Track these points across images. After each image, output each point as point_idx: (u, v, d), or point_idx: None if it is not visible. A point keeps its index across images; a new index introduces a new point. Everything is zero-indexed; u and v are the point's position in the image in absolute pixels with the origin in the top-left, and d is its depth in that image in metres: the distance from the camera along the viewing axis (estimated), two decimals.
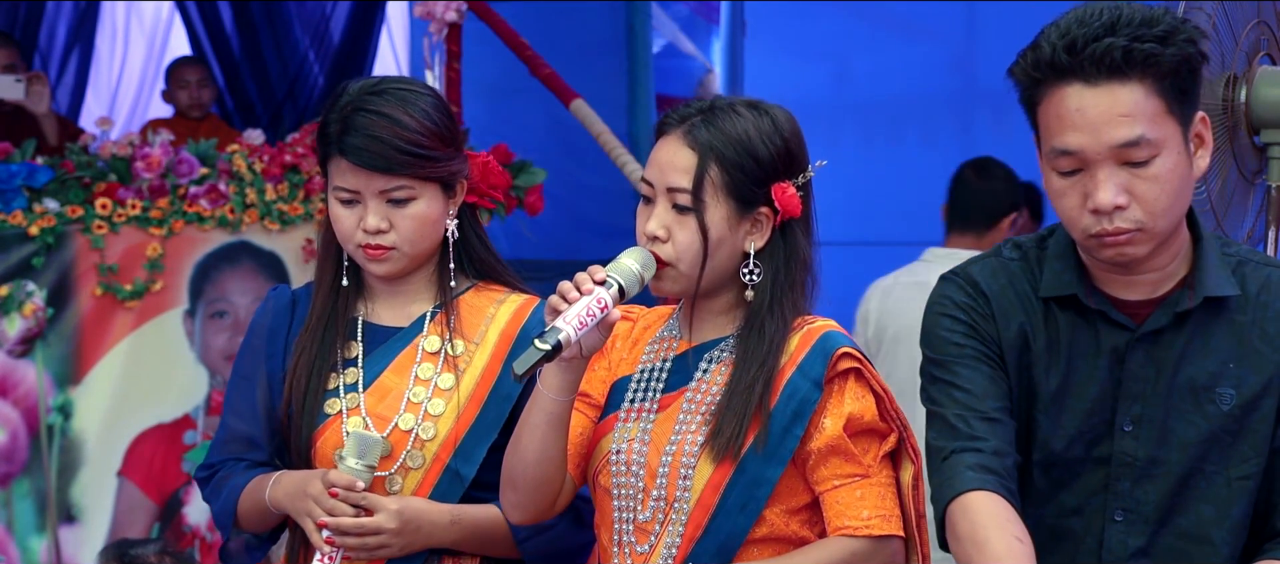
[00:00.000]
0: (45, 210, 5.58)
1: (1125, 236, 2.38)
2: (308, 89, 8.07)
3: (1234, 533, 2.45)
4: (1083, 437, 2.47)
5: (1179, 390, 2.44)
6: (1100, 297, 2.48)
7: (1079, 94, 2.36)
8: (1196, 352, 2.44)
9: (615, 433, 2.75)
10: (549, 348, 2.52)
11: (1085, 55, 2.34)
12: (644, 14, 8.23)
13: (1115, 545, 2.46)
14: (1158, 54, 2.33)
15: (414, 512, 2.89)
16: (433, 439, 2.93)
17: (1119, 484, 2.45)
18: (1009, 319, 2.52)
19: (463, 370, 2.95)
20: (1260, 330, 2.43)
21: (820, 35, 8.89)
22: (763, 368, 2.66)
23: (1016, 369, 2.52)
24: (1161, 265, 2.45)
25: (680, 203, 2.68)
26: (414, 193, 2.89)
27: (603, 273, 2.60)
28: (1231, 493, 2.44)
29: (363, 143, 2.85)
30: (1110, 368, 2.47)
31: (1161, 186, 2.36)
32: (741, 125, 2.68)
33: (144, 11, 8.49)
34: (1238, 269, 2.46)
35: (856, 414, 2.67)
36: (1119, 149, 2.35)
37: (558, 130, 7.25)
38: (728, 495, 2.66)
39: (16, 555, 5.64)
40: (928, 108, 8.87)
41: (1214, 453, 2.43)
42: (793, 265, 2.72)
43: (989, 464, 2.43)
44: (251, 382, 3.03)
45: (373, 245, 2.90)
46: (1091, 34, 2.34)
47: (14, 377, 5.66)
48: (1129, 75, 2.34)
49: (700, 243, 2.67)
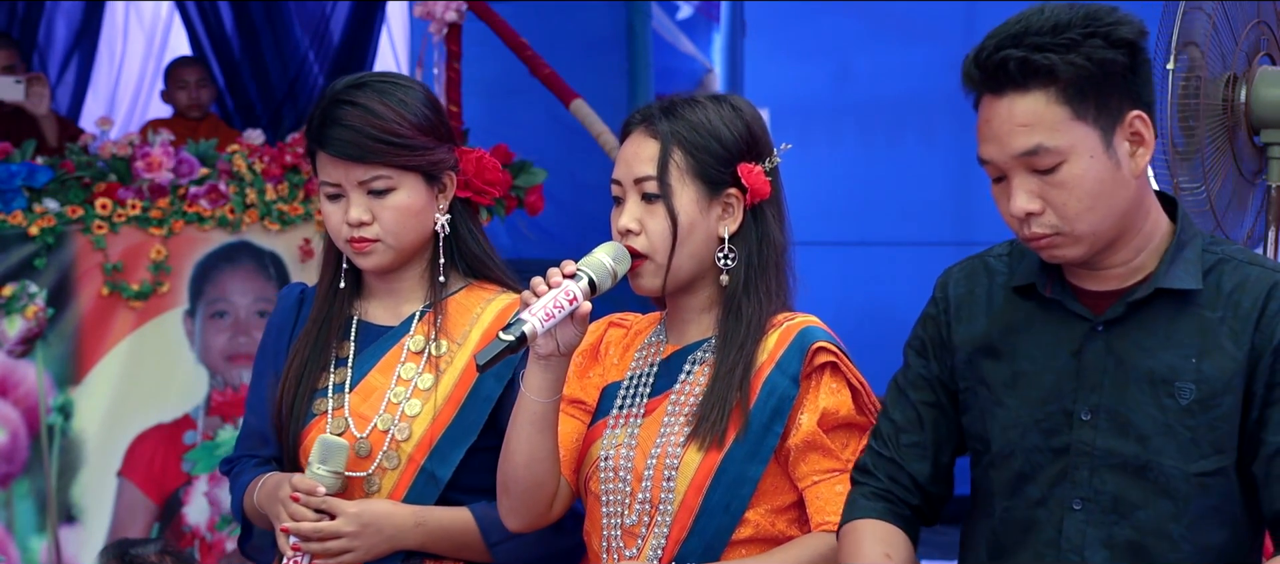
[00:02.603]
0: (45, 210, 5.58)
1: (1046, 240, 2.42)
2: (308, 89, 8.06)
3: (1197, 530, 2.44)
4: (1039, 425, 2.49)
5: (1138, 382, 2.44)
6: (1062, 287, 2.50)
7: (989, 105, 2.43)
8: (1158, 344, 2.44)
9: (603, 438, 2.76)
10: (512, 340, 2.53)
11: (987, 66, 2.41)
12: (644, 14, 8.23)
13: (1074, 535, 2.46)
14: (1055, 63, 2.36)
15: (373, 514, 2.89)
16: (407, 440, 2.92)
17: (1077, 473, 2.46)
18: (971, 320, 2.57)
19: (443, 371, 2.95)
20: (1229, 328, 2.43)
21: (820, 35, 8.89)
22: (742, 352, 2.68)
23: (967, 364, 2.56)
24: (1125, 260, 2.46)
25: (648, 191, 2.71)
26: (393, 183, 2.90)
27: (573, 266, 2.62)
28: (1191, 489, 2.43)
29: (338, 133, 2.88)
30: (1069, 358, 2.48)
31: (1072, 192, 2.39)
32: (702, 112, 2.73)
33: (144, 11, 8.49)
34: (1215, 266, 2.47)
35: (831, 409, 2.68)
36: (1022, 158, 2.39)
37: (558, 130, 7.25)
38: (711, 495, 2.67)
39: (16, 555, 5.64)
40: (928, 108, 8.87)
41: (1171, 447, 2.43)
42: (765, 248, 2.74)
43: (885, 491, 2.59)
44: (264, 379, 3.05)
45: (357, 238, 2.91)
46: (997, 44, 2.40)
47: (14, 377, 5.66)
48: (1029, 85, 2.38)
49: (671, 229, 2.69)
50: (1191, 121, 3.62)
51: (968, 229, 8.38)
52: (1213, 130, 3.67)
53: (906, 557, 2.58)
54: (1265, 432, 2.42)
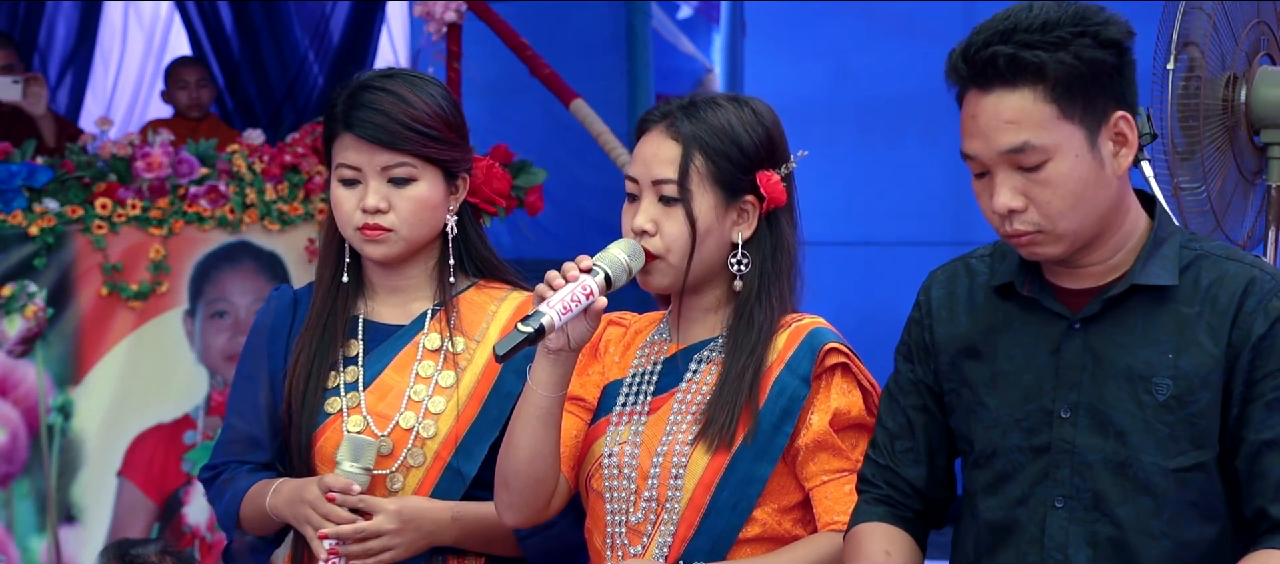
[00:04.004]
0: (45, 210, 5.58)
1: (1027, 238, 2.42)
2: (308, 89, 8.07)
3: (1178, 526, 2.44)
4: (1020, 424, 2.49)
5: (1116, 378, 2.44)
6: (1040, 285, 2.50)
7: (975, 100, 2.42)
8: (1136, 341, 2.45)
9: (607, 436, 2.76)
10: (531, 331, 2.53)
11: (975, 62, 2.40)
12: (644, 14, 8.23)
13: (1057, 533, 2.46)
14: (1042, 62, 2.36)
15: (413, 510, 2.89)
16: (433, 437, 2.93)
17: (1058, 471, 2.47)
18: (952, 322, 2.57)
19: (463, 368, 2.95)
20: (1206, 323, 2.43)
21: (820, 35, 8.89)
22: (752, 356, 2.68)
23: (951, 366, 2.56)
24: (1103, 258, 2.47)
25: (666, 194, 2.70)
26: (415, 173, 2.91)
27: (589, 261, 2.62)
28: (1170, 485, 2.43)
29: (368, 116, 2.89)
30: (1048, 356, 2.48)
31: (1056, 190, 2.39)
32: (723, 116, 2.71)
33: (144, 11, 8.49)
34: (1193, 262, 2.47)
35: (843, 409, 2.68)
36: (1007, 155, 2.39)
37: (558, 130, 7.26)
38: (719, 494, 2.67)
39: (16, 555, 5.64)
40: (928, 108, 8.83)
41: (1150, 443, 2.43)
42: (779, 255, 2.74)
43: (886, 496, 2.61)
44: (254, 382, 3.02)
45: (371, 225, 2.91)
46: (985, 40, 2.40)
47: (14, 377, 5.66)
48: (1015, 82, 2.38)
49: (688, 233, 2.68)
50: (1191, 121, 3.63)
51: (966, 229, 8.38)
52: (1213, 130, 3.67)
53: (908, 554, 2.58)
54: (1245, 429, 2.42)
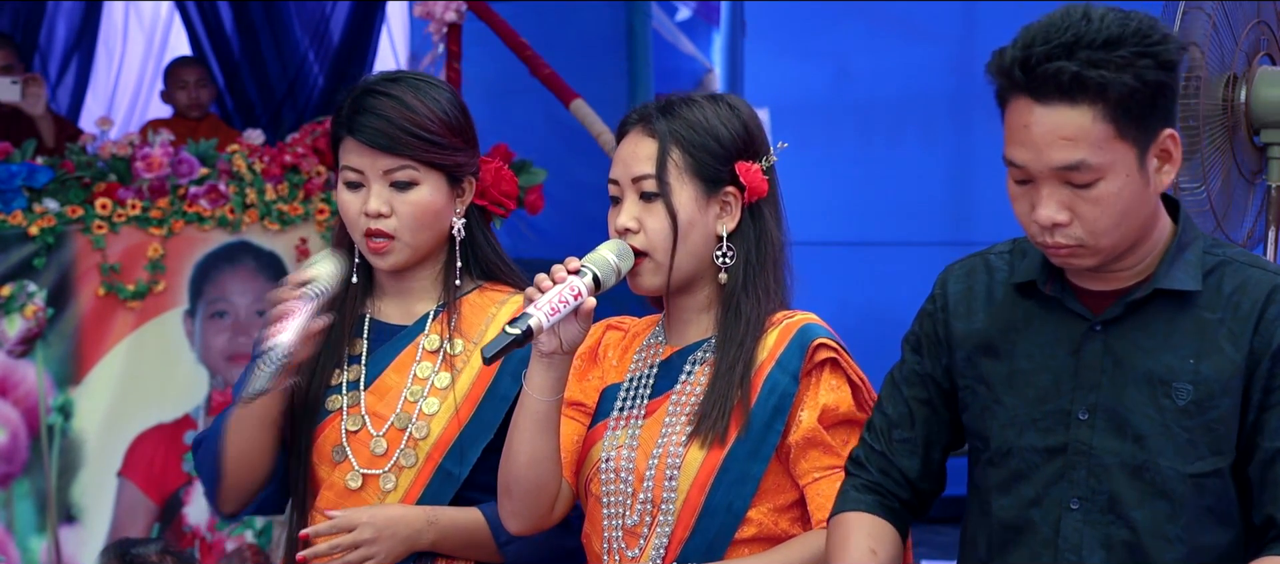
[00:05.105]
0: (45, 210, 5.58)
1: (1067, 250, 2.40)
2: (307, 89, 8.07)
3: (1193, 531, 2.44)
4: (1037, 424, 2.49)
5: (1136, 382, 2.44)
6: (1062, 285, 2.50)
7: (1029, 110, 2.36)
8: (1157, 345, 2.44)
9: (604, 440, 2.76)
10: (518, 333, 2.54)
11: (1037, 74, 2.34)
12: (644, 14, 8.22)
13: (1071, 534, 2.46)
14: (1108, 81, 2.32)
15: (388, 519, 2.91)
16: (426, 438, 2.94)
17: (1074, 473, 2.46)
18: (970, 317, 2.56)
19: (459, 370, 2.96)
20: (1228, 329, 2.43)
21: (820, 35, 8.89)
22: (742, 349, 2.69)
23: (967, 362, 2.56)
24: (1131, 264, 2.46)
25: (646, 190, 2.72)
26: (417, 177, 2.92)
27: (577, 263, 2.63)
28: (1187, 490, 2.42)
29: (369, 121, 2.91)
30: (1067, 356, 2.48)
31: (1104, 208, 2.37)
32: (699, 111, 2.74)
33: (144, 11, 8.49)
34: (1216, 268, 2.46)
35: (831, 405, 2.69)
36: (1060, 170, 2.36)
37: (558, 130, 7.26)
38: (714, 494, 2.67)
39: (16, 555, 5.64)
40: (927, 108, 8.87)
41: (1169, 447, 2.42)
42: (764, 246, 2.75)
43: (876, 483, 2.61)
44: None
45: (374, 231, 2.92)
46: (1047, 53, 2.34)
47: (14, 377, 5.66)
48: (1078, 99, 2.33)
49: (670, 227, 2.69)
50: (1191, 121, 3.63)
51: (966, 229, 8.38)
52: (1212, 130, 3.67)
53: (893, 553, 2.58)
54: (1260, 436, 2.42)
